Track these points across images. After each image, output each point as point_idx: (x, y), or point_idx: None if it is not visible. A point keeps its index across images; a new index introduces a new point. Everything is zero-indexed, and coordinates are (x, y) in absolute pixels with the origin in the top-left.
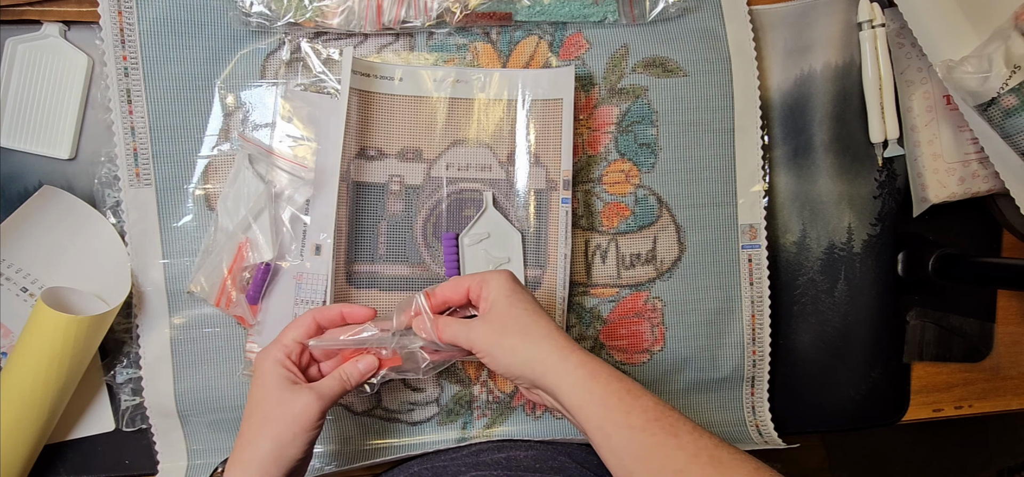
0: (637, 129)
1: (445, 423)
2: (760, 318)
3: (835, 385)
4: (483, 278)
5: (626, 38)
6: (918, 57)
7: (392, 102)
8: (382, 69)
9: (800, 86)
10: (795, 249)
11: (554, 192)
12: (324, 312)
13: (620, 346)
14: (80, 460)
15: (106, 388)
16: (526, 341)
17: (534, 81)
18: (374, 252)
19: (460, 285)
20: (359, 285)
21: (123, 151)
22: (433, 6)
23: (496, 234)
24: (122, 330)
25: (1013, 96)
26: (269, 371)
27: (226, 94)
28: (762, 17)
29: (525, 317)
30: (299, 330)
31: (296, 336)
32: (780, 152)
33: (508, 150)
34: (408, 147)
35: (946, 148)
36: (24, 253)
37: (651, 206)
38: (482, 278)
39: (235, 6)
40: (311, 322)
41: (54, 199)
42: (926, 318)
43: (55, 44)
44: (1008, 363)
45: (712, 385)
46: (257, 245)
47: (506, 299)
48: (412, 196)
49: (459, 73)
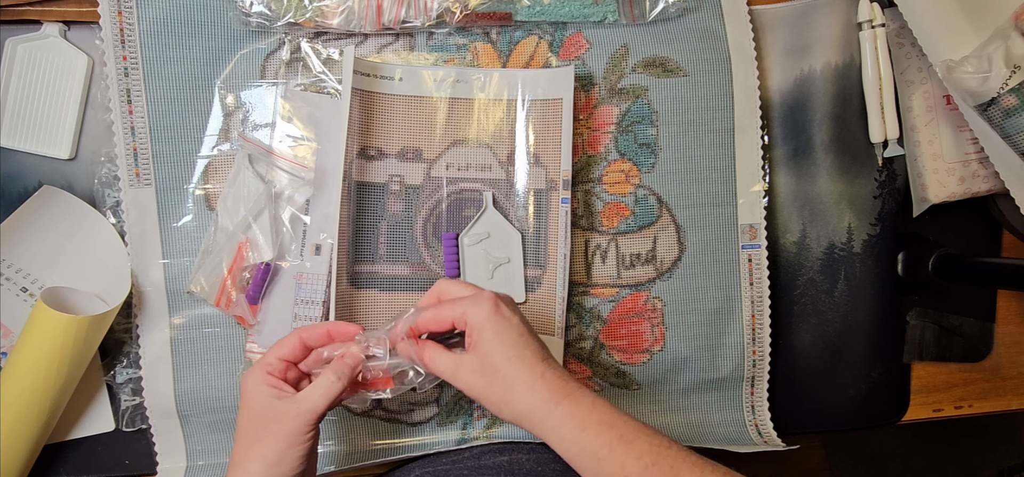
0: (637, 129)
1: (445, 424)
2: (760, 318)
3: (835, 385)
4: (465, 309)
5: (626, 38)
6: (918, 57)
7: (392, 102)
8: (382, 69)
9: (800, 86)
10: (795, 249)
11: (554, 192)
12: (310, 330)
13: (620, 346)
14: (80, 460)
15: (106, 388)
16: (511, 397)
17: (534, 81)
18: (374, 252)
19: (443, 317)
20: (359, 285)
21: (123, 151)
22: (433, 6)
23: (496, 234)
24: (122, 330)
25: (1013, 96)
26: (252, 391)
27: (226, 94)
28: (762, 17)
29: (509, 366)
30: (283, 349)
31: (280, 354)
32: (780, 152)
33: (508, 150)
34: (408, 147)
35: (946, 148)
36: (24, 253)
37: (651, 206)
38: (464, 309)
39: (235, 6)
40: (297, 341)
41: (54, 199)
42: (926, 318)
43: (55, 44)
44: (1008, 363)
45: (712, 385)
46: (257, 245)
47: (492, 337)
48: (412, 196)
49: (459, 73)
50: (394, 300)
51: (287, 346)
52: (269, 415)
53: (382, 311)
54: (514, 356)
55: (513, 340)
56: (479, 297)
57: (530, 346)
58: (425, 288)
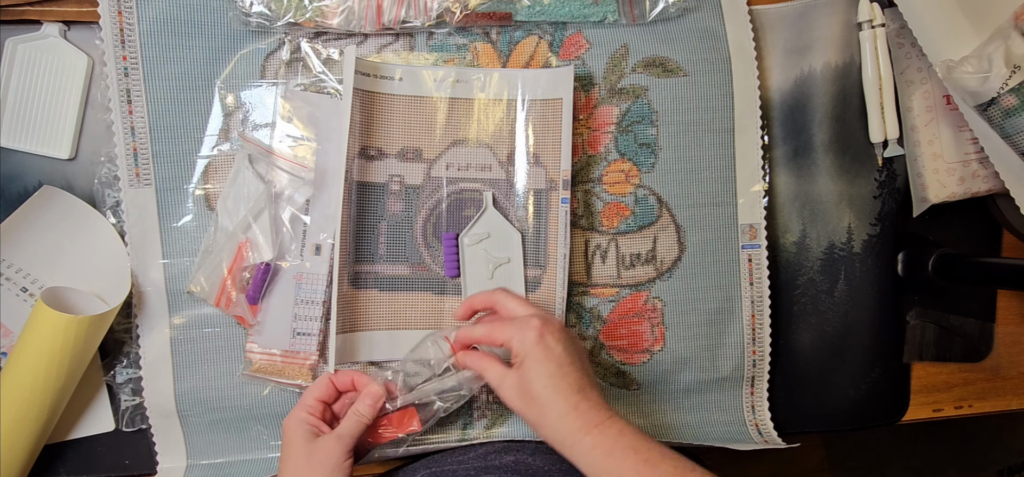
0: (637, 129)
1: (445, 424)
2: (760, 318)
3: (835, 385)
4: (512, 334)
5: (626, 38)
6: (918, 57)
7: (392, 102)
8: (383, 69)
9: (800, 86)
10: (795, 249)
11: (554, 192)
12: (339, 377)
13: (620, 346)
14: (80, 460)
15: (106, 388)
16: (545, 422)
17: (534, 81)
18: (374, 252)
19: (495, 337)
20: (359, 285)
21: (123, 151)
22: (433, 6)
23: (496, 234)
24: (122, 330)
25: (1013, 96)
26: (294, 430)
27: (226, 94)
28: (762, 17)
29: (545, 394)
30: (319, 390)
31: (317, 396)
32: (780, 152)
33: (508, 150)
34: (408, 147)
35: (946, 148)
36: (24, 253)
37: (651, 206)
38: (511, 333)
39: (235, 6)
40: (328, 384)
41: (54, 199)
42: (926, 318)
43: (55, 44)
44: (1008, 363)
45: (712, 385)
46: (257, 245)
47: (532, 366)
48: (412, 196)
49: (459, 73)
50: (394, 300)
51: (321, 388)
52: (311, 448)
53: (382, 311)
54: (551, 386)
55: (552, 372)
56: (527, 324)
57: (569, 377)
58: (425, 288)
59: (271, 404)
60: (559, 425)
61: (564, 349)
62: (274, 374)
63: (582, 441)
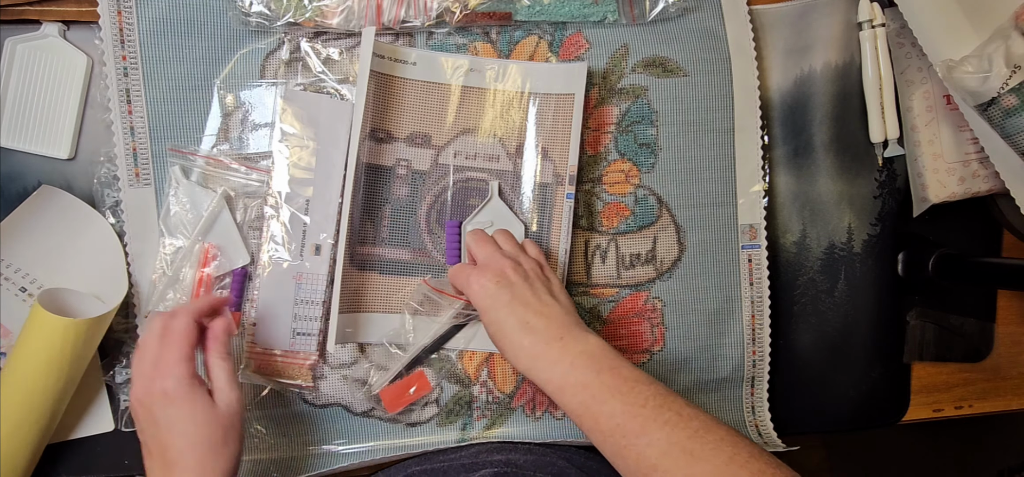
0: (637, 129)
1: (444, 425)
2: (760, 318)
3: (835, 385)
4: (462, 286)
5: (626, 38)
6: (918, 57)
7: (405, 86)
8: (400, 53)
9: (800, 86)
10: (795, 249)
11: (560, 186)
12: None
13: (620, 346)
14: (79, 460)
15: (105, 388)
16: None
17: (548, 75)
18: (377, 235)
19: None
20: (360, 267)
21: (122, 151)
22: (433, 6)
23: (499, 224)
24: (121, 330)
25: (1013, 96)
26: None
27: (225, 94)
28: (762, 17)
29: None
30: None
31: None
32: (780, 152)
33: (517, 142)
34: (417, 132)
35: (946, 148)
36: (23, 253)
37: (651, 206)
38: (462, 285)
39: (235, 6)
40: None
41: (53, 199)
42: (926, 318)
43: (54, 44)
44: (1008, 363)
45: (712, 385)
46: (226, 252)
47: (482, 316)
48: (418, 181)
49: (473, 62)
50: (394, 284)
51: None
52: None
53: (381, 294)
54: (499, 335)
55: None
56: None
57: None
58: (425, 274)
59: (271, 404)
60: (519, 364)
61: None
62: (274, 374)
63: (538, 375)
